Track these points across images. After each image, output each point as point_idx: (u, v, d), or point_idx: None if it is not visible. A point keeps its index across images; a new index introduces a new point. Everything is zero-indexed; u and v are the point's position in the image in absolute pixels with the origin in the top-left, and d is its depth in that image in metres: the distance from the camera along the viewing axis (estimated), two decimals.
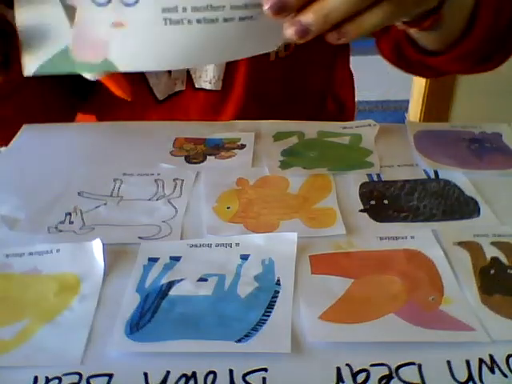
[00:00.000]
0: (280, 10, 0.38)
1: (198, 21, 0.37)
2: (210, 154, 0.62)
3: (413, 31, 0.56)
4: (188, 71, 0.73)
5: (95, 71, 0.41)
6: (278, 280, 0.43)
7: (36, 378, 0.36)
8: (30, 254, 0.46)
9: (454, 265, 0.45)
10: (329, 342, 0.38)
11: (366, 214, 0.52)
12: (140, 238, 0.49)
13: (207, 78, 0.73)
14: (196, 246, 0.47)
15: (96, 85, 0.76)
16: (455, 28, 0.57)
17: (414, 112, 2.06)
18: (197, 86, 0.74)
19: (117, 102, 0.71)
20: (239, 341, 0.38)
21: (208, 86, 0.73)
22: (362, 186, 0.56)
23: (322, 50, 0.75)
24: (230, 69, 0.72)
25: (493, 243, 0.47)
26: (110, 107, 0.75)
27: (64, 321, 0.40)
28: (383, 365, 0.36)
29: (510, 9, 0.60)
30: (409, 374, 0.36)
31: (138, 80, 0.72)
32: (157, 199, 0.54)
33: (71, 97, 0.77)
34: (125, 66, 0.40)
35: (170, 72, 0.72)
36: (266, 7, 0.37)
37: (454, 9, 0.52)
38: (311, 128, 0.66)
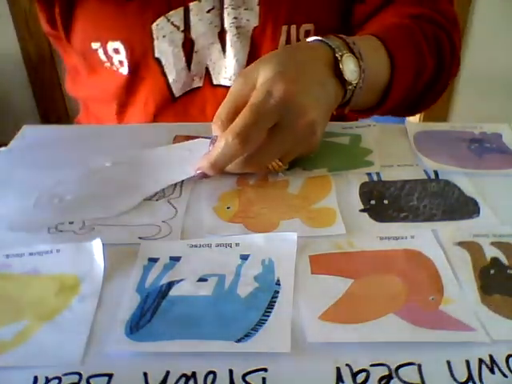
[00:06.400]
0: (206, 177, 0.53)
1: None
2: None
3: None
4: (207, 67, 0.73)
5: None
6: (278, 280, 0.43)
7: (36, 378, 0.36)
8: (30, 254, 0.46)
9: (454, 265, 0.45)
10: (329, 342, 0.38)
11: (366, 214, 0.52)
12: (140, 238, 0.49)
13: (227, 75, 0.73)
14: (196, 246, 0.47)
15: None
16: (369, 103, 0.65)
17: None
18: (215, 83, 0.73)
19: (132, 100, 0.71)
20: (239, 341, 0.38)
21: (228, 83, 0.73)
22: (362, 185, 0.56)
23: None
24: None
25: (493, 243, 0.47)
26: (125, 106, 0.75)
27: (64, 321, 0.40)
28: (383, 365, 0.36)
29: (426, 76, 0.66)
30: (409, 373, 0.36)
31: (157, 77, 0.72)
32: (157, 199, 0.54)
33: None
34: None
35: (189, 68, 0.72)
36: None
37: (362, 98, 0.59)
38: None
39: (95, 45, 0.70)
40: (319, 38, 0.56)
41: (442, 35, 0.68)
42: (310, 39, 0.58)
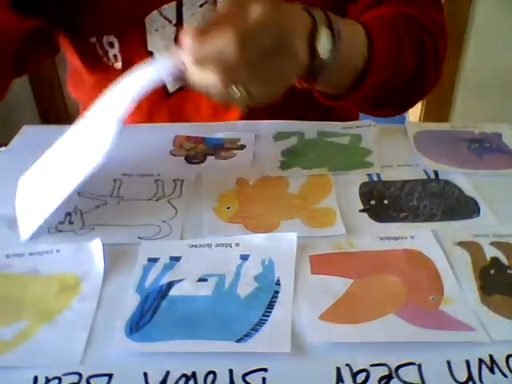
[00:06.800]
0: None
1: None
2: (210, 154, 0.62)
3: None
4: None
5: None
6: (278, 280, 0.43)
7: (36, 378, 0.36)
8: (30, 254, 0.46)
9: (454, 265, 0.45)
10: (329, 342, 0.38)
11: (365, 214, 0.52)
12: (140, 238, 0.49)
13: None
14: (196, 246, 0.47)
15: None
16: (342, 85, 0.62)
17: (414, 112, 2.06)
18: None
19: None
20: (239, 341, 0.38)
21: None
22: (362, 185, 0.56)
23: None
24: None
25: (493, 243, 0.47)
26: None
27: (64, 321, 0.40)
28: (383, 365, 0.36)
29: (407, 70, 0.65)
30: (409, 373, 0.36)
31: None
32: (157, 199, 0.54)
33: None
34: None
35: None
36: None
37: (335, 75, 0.57)
38: (311, 128, 0.66)
39: (92, 39, 0.71)
40: (307, 6, 0.56)
41: (426, 36, 0.68)
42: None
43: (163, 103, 0.74)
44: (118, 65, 0.72)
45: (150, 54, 0.71)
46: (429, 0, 0.72)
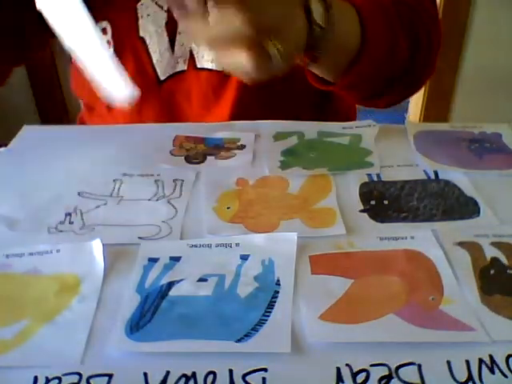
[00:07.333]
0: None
1: None
2: (210, 154, 0.62)
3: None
4: (191, 50, 0.73)
5: None
6: (278, 280, 0.43)
7: (36, 378, 0.36)
8: (30, 254, 0.46)
9: (454, 265, 0.45)
10: (329, 342, 0.38)
11: (366, 214, 0.52)
12: (140, 238, 0.49)
13: (209, 57, 0.73)
14: (196, 246, 0.47)
15: None
16: (339, 65, 0.61)
17: (414, 112, 2.06)
18: (199, 66, 0.74)
19: None
20: (239, 341, 0.38)
21: (210, 66, 0.73)
22: (362, 186, 0.56)
23: None
24: None
25: (493, 243, 0.47)
26: None
27: (64, 321, 0.40)
28: (383, 365, 0.36)
29: (402, 56, 0.64)
30: (409, 374, 0.36)
31: (142, 56, 0.72)
32: (157, 199, 0.54)
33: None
34: None
35: (172, 50, 0.72)
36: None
37: (333, 53, 0.57)
38: (311, 128, 0.66)
39: None
40: None
41: (420, 24, 0.67)
42: None
43: (154, 90, 0.75)
44: (110, 51, 0.73)
45: (142, 40, 0.71)
46: None
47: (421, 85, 0.71)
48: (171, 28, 0.71)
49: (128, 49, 0.73)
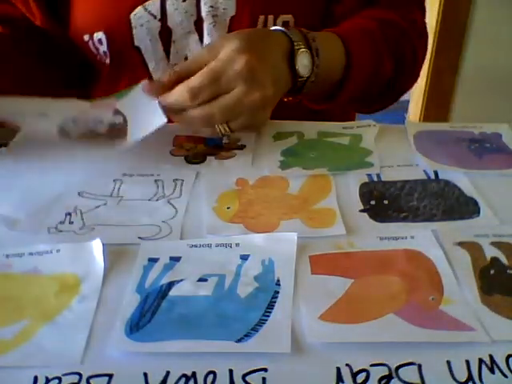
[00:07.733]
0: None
1: None
2: (210, 154, 0.62)
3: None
4: (186, 58, 0.73)
5: None
6: (278, 280, 0.43)
7: (36, 378, 0.36)
8: (30, 254, 0.46)
9: (454, 265, 0.45)
10: (329, 342, 0.38)
11: (365, 214, 0.52)
12: (140, 238, 0.49)
13: None
14: (196, 246, 0.47)
15: (96, 73, 0.77)
16: (321, 95, 0.68)
17: (414, 112, 2.06)
18: None
19: (115, 91, 0.72)
20: (239, 341, 0.38)
21: None
22: (362, 186, 0.56)
23: None
24: None
25: (493, 243, 0.47)
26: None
27: (64, 321, 0.40)
28: (383, 365, 0.36)
29: (384, 77, 0.70)
30: (409, 374, 0.36)
31: (138, 66, 0.72)
32: (157, 199, 0.54)
33: (72, 77, 0.79)
34: None
35: (168, 58, 0.73)
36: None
37: (315, 90, 0.63)
38: (311, 128, 0.66)
39: (86, 37, 0.72)
40: (282, 28, 0.61)
41: (406, 44, 0.72)
42: (273, 28, 0.62)
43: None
44: (107, 61, 0.73)
45: (137, 49, 0.72)
46: (411, 2, 0.76)
47: (403, 94, 0.77)
48: (165, 36, 0.71)
49: (124, 59, 0.73)
